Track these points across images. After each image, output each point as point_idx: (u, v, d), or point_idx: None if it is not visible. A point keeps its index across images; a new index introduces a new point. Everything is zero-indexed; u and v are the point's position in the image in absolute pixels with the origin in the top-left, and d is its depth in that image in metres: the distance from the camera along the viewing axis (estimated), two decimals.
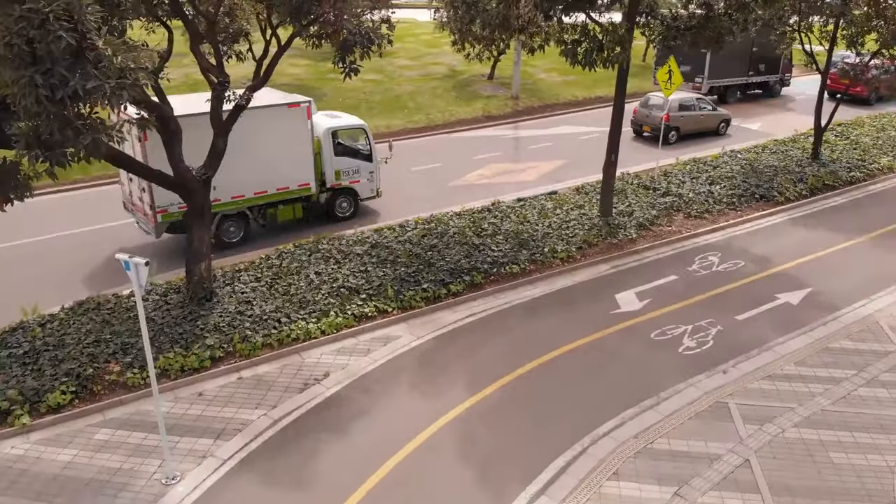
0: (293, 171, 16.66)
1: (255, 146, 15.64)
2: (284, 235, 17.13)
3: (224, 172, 13.64)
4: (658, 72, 20.47)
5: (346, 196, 18.28)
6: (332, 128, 17.67)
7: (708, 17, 15.99)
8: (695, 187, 20.44)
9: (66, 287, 14.39)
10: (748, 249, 16.96)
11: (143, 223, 15.98)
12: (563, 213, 18.25)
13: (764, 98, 34.39)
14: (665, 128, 24.18)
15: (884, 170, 22.89)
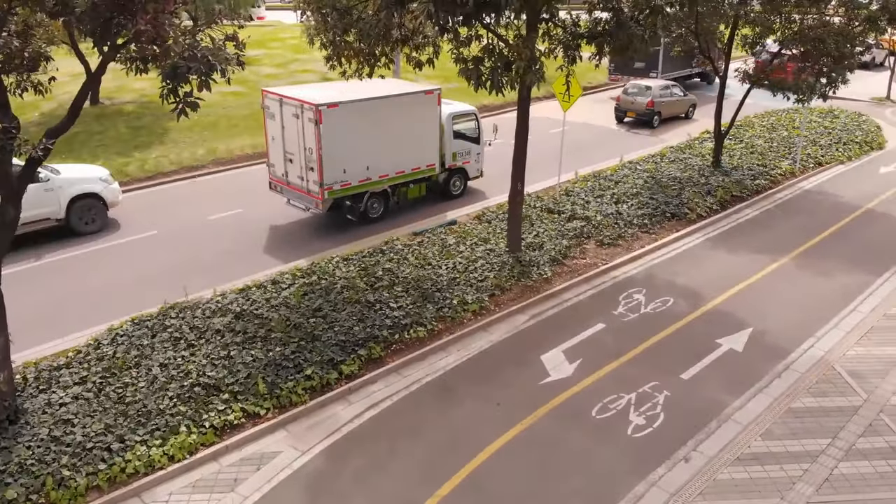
0: (424, 152, 18.29)
1: (399, 130, 17.19)
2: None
3: (375, 154, 16.85)
4: (554, 84, 18.39)
5: (459, 175, 19.90)
6: (452, 113, 19.30)
7: (619, 24, 13.92)
8: (601, 208, 18.57)
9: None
10: (673, 282, 15.16)
11: (300, 201, 17.45)
12: (468, 250, 15.72)
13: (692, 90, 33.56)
14: (650, 112, 28.01)
15: (786, 175, 22.14)
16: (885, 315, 13.73)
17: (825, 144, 25.14)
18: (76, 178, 17.05)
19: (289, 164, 17.09)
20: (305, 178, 16.65)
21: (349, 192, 16.94)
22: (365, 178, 17.04)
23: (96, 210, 17.19)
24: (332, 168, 16.19)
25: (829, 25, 18.50)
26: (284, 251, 16.31)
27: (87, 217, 17.03)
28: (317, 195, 16.54)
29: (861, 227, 18.32)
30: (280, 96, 16.74)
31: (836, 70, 18.63)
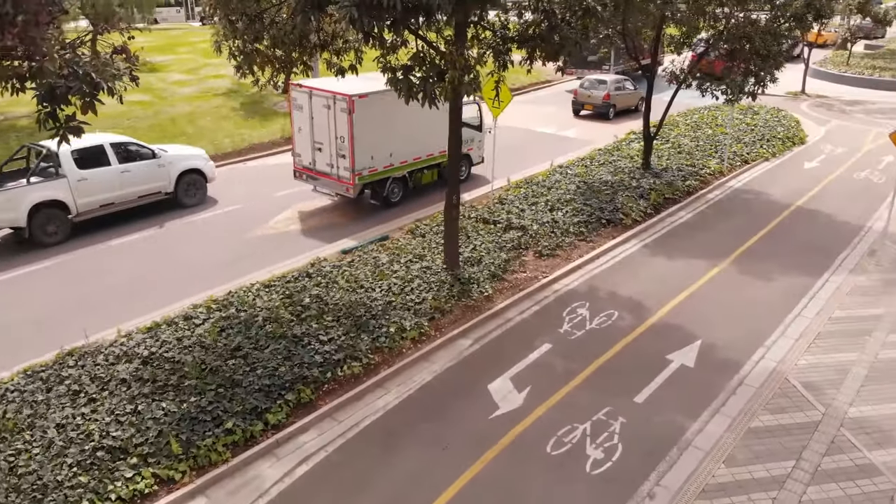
0: (437, 140, 18.02)
1: (417, 119, 16.93)
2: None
3: (397, 142, 18.02)
4: (484, 89, 17.55)
5: (464, 161, 20.57)
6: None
7: (552, 27, 13.20)
8: (537, 216, 17.91)
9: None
10: (615, 292, 14.58)
11: (327, 187, 18.74)
12: (403, 269, 14.69)
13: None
14: (606, 105, 29.44)
15: (715, 174, 22.10)
16: (829, 319, 13.54)
17: (749, 142, 25.39)
18: (183, 155, 19.22)
19: (317, 153, 18.24)
20: (336, 165, 17.86)
21: (375, 177, 18.25)
22: (388, 165, 18.40)
23: (199, 185, 19.39)
24: (362, 155, 17.49)
25: (756, 24, 18.40)
26: (209, 274, 14.87)
27: (191, 191, 19.25)
28: (347, 181, 17.87)
29: (794, 226, 18.33)
30: (310, 88, 17.36)
31: (765, 68, 18.56)
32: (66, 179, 16.59)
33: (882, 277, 15.33)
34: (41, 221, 16.31)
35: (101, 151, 17.29)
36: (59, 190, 16.48)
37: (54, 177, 16.55)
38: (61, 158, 16.41)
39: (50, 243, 16.46)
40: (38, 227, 16.30)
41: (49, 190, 16.33)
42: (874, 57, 44.70)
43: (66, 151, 16.21)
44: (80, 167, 16.79)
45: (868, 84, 38.07)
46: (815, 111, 32.22)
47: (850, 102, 34.21)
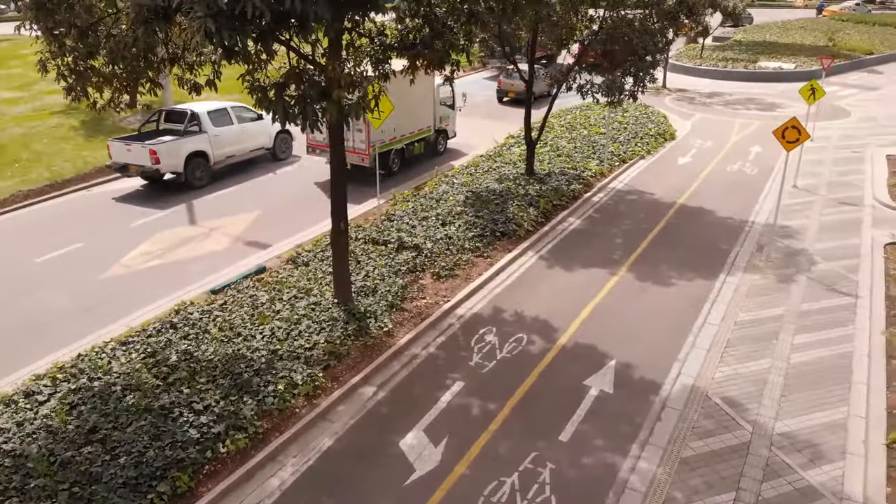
0: (426, 117, 22.65)
1: (413, 99, 19.99)
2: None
3: (400, 118, 20.55)
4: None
5: (443, 135, 24.34)
6: (439, 84, 22.93)
7: (435, 34, 12.04)
8: (429, 233, 16.75)
9: None
10: (521, 313, 13.69)
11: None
12: (287, 308, 13.01)
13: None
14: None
15: (597, 176, 21.89)
16: (735, 324, 13.32)
17: (624, 140, 25.55)
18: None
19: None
20: (353, 139, 20.23)
21: (384, 148, 20.91)
22: (392, 138, 21.26)
23: (287, 142, 23.68)
24: (376, 130, 19.80)
25: (632, 24, 18.18)
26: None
27: (282, 146, 23.45)
28: (363, 152, 20.47)
29: (681, 226, 18.31)
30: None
31: (643, 68, 18.39)
32: (207, 134, 20.73)
33: (775, 274, 15.44)
34: (192, 168, 20.35)
35: (225, 113, 21.41)
36: (203, 143, 20.66)
37: (198, 132, 20.61)
38: (201, 117, 20.67)
39: (198, 186, 20.58)
40: (191, 173, 20.33)
41: (197, 142, 20.53)
42: (723, 49, 47.33)
43: (204, 111, 20.79)
44: (213, 125, 20.82)
45: (722, 76, 40.08)
46: (678, 105, 33.28)
47: (709, 95, 35.71)
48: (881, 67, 45.13)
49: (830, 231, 17.83)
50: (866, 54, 46.33)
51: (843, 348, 12.48)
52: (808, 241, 17.23)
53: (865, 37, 54.84)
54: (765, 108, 32.81)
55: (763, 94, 36.09)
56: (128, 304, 13.88)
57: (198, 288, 14.48)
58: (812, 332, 13.01)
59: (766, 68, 41.02)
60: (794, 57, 44.09)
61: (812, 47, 48.17)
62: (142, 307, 13.73)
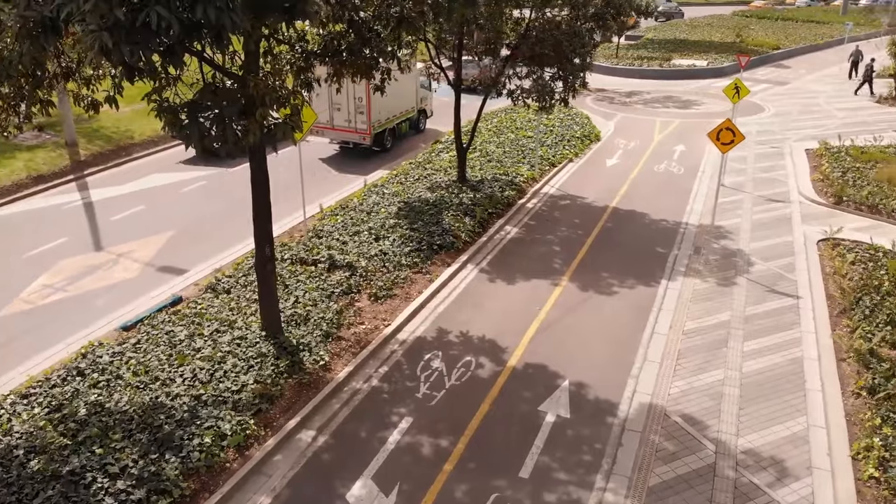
0: (411, 99, 25.89)
1: (403, 86, 22.60)
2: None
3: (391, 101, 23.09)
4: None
5: (423, 114, 27.33)
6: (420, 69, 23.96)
7: (363, 40, 11.14)
8: (362, 249, 15.79)
9: None
10: (467, 333, 12.94)
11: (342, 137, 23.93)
12: (209, 345, 11.79)
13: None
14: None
15: (529, 181, 21.41)
16: (683, 333, 13.00)
17: (552, 143, 25.24)
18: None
19: (335, 112, 23.30)
20: (354, 120, 23.16)
21: (380, 128, 23.75)
22: (386, 119, 24.00)
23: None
24: (375, 112, 23.01)
25: (560, 26, 17.73)
26: None
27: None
28: (364, 131, 23.25)
29: (616, 230, 18.03)
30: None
31: (573, 71, 17.98)
32: None
33: (715, 277, 15.28)
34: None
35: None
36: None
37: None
38: None
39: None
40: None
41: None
42: (637, 47, 48.14)
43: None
44: None
45: (639, 74, 40.64)
46: (599, 105, 33.38)
47: (628, 94, 36.05)
48: (787, 62, 46.97)
49: (763, 229, 17.92)
50: (773, 49, 48.14)
51: (792, 353, 12.33)
52: (743, 241, 17.24)
53: (770, 32, 57.16)
54: (682, 105, 33.34)
55: (679, 91, 36.74)
56: (28, 347, 12.33)
57: (107, 325, 13.05)
58: (760, 338, 12.83)
59: (681, 66, 41.91)
60: (705, 54, 45.28)
61: (721, 44, 49.69)
62: (44, 350, 12.24)
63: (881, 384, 10.88)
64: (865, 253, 15.78)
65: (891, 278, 14.38)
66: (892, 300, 13.50)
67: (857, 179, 20.75)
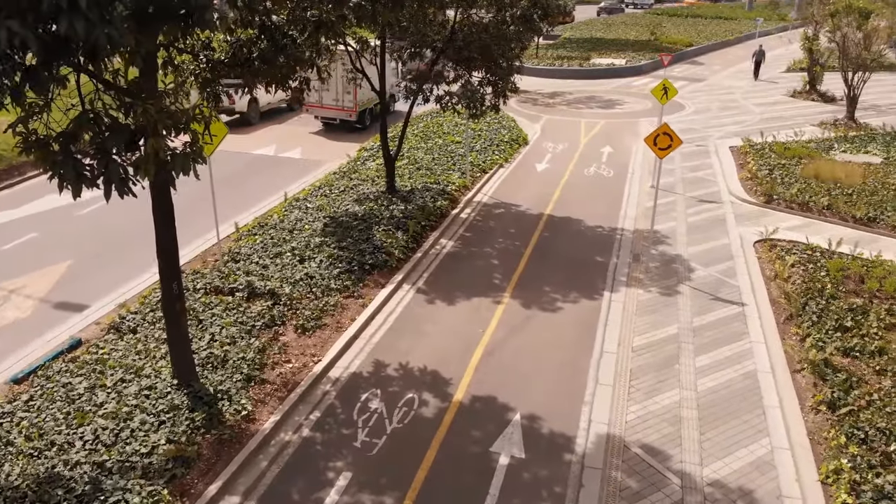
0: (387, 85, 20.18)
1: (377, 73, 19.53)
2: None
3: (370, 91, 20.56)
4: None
5: (393, 97, 27.57)
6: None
7: (277, 47, 9.93)
8: (285, 273, 14.50)
9: None
10: (407, 366, 11.90)
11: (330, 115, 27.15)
12: (113, 398, 10.30)
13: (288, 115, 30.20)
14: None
15: (461, 189, 20.53)
16: (633, 351, 12.37)
17: (481, 149, 24.48)
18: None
19: (325, 93, 26.19)
20: (342, 100, 26.29)
21: (363, 107, 26.86)
22: (367, 99, 26.32)
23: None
24: (360, 94, 25.78)
25: (487, 29, 16.89)
26: None
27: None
28: (351, 109, 26.50)
29: (553, 239, 17.37)
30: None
31: (502, 75, 17.18)
32: None
33: (657, 287, 14.80)
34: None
35: None
36: None
37: None
38: None
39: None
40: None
41: None
42: (556, 47, 48.14)
43: None
44: None
45: (560, 74, 40.51)
46: (524, 107, 32.90)
47: (550, 95, 35.77)
48: (701, 58, 48.02)
49: (699, 232, 17.65)
50: (686, 46, 49.12)
51: (745, 367, 11.89)
52: (681, 246, 16.88)
53: (682, 29, 58.54)
54: (605, 105, 33.30)
55: (601, 91, 36.76)
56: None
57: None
58: (711, 352, 12.34)
59: (600, 65, 42.08)
60: (622, 53, 45.71)
61: (636, 42, 50.37)
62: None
63: (840, 398, 10.52)
64: (804, 254, 15.65)
65: (832, 280, 14.23)
66: (838, 304, 13.30)
67: (784, 177, 20.87)
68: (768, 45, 50.10)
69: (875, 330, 12.41)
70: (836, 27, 27.44)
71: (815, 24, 32.17)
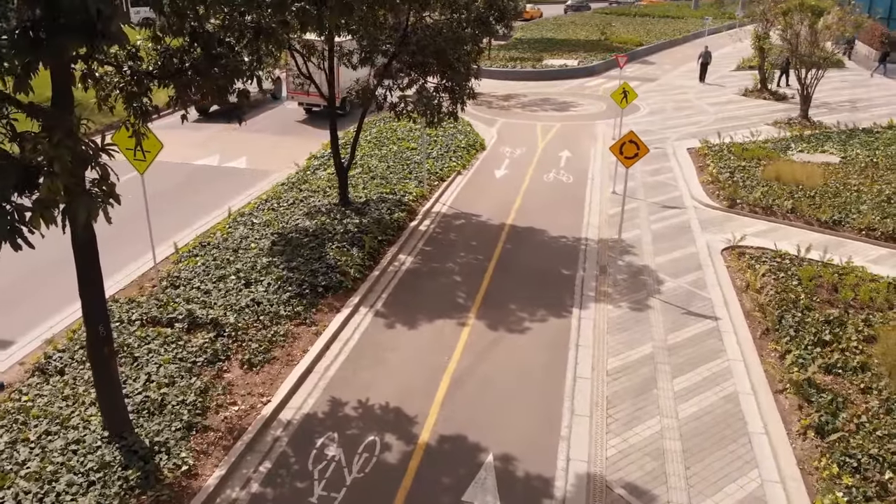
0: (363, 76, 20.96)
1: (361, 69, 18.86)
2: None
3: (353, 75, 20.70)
4: (115, 136, 12.23)
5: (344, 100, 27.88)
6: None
7: (212, 56, 8.86)
8: (230, 299, 13.36)
9: None
10: (367, 403, 10.91)
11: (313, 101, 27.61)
12: (38, 456, 9.06)
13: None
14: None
15: (418, 199, 19.58)
16: (608, 375, 11.64)
17: (438, 155, 23.57)
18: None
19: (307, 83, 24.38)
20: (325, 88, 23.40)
21: (344, 94, 26.59)
22: (347, 89, 23.85)
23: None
24: (342, 83, 24.78)
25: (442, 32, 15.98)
26: None
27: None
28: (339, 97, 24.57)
29: (517, 252, 16.59)
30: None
31: (458, 81, 16.31)
32: None
33: (627, 301, 14.14)
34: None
35: None
36: None
37: None
38: None
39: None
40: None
41: None
42: (507, 48, 47.55)
43: None
44: None
45: (513, 76, 39.88)
46: (478, 110, 32.09)
47: (505, 97, 35.07)
48: (652, 57, 48.07)
49: (665, 241, 17.09)
50: (637, 46, 49.13)
51: (725, 388, 11.27)
52: (647, 256, 16.29)
53: (631, 28, 58.71)
54: (560, 108, 32.77)
55: (555, 93, 36.26)
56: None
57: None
58: (688, 372, 11.70)
59: (553, 66, 41.64)
60: (574, 53, 45.41)
61: (587, 42, 50.21)
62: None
63: (828, 421, 9.95)
64: (773, 261, 15.21)
65: (805, 290, 13.78)
66: (813, 315, 12.83)
67: (746, 180, 20.54)
68: (716, 43, 50.58)
69: (855, 343, 11.96)
70: (789, 25, 27.41)
71: (766, 23, 32.21)
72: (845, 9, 28.66)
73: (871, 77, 39.76)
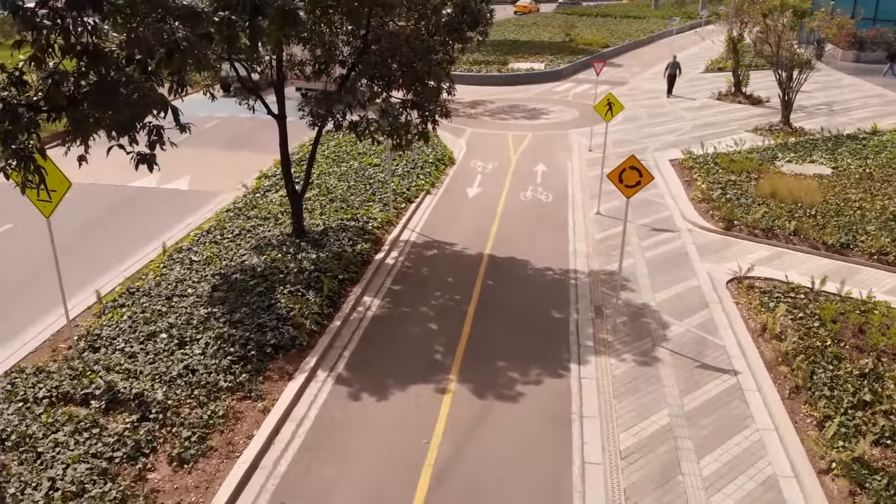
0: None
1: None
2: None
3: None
4: (13, 173, 9.86)
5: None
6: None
7: (110, 83, 6.60)
8: (159, 365, 11.06)
9: None
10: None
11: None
12: None
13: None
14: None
15: (384, 225, 17.39)
16: (622, 457, 9.64)
17: (404, 173, 21.43)
18: None
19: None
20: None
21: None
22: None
23: None
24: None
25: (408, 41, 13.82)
26: None
27: None
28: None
29: (499, 290, 14.56)
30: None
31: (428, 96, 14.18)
32: None
33: (631, 353, 12.22)
34: None
35: None
36: None
37: None
38: None
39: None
40: None
41: None
42: (471, 51, 45.42)
43: None
44: None
45: (478, 81, 37.92)
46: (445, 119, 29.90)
47: (471, 104, 33.09)
48: (618, 59, 46.57)
49: (662, 273, 15.25)
50: (602, 47, 47.63)
51: (762, 470, 9.41)
52: (646, 291, 14.43)
53: (594, 29, 57.29)
54: (530, 115, 30.94)
55: (523, 98, 34.43)
56: None
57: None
58: (716, 450, 9.81)
59: (519, 70, 39.81)
60: (539, 55, 43.68)
61: (552, 44, 48.55)
62: None
63: None
64: (787, 297, 13.48)
65: (830, 334, 12.05)
66: (846, 367, 11.07)
67: (740, 197, 18.87)
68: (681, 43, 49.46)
69: None
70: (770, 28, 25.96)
71: (741, 24, 30.81)
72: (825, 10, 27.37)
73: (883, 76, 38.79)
